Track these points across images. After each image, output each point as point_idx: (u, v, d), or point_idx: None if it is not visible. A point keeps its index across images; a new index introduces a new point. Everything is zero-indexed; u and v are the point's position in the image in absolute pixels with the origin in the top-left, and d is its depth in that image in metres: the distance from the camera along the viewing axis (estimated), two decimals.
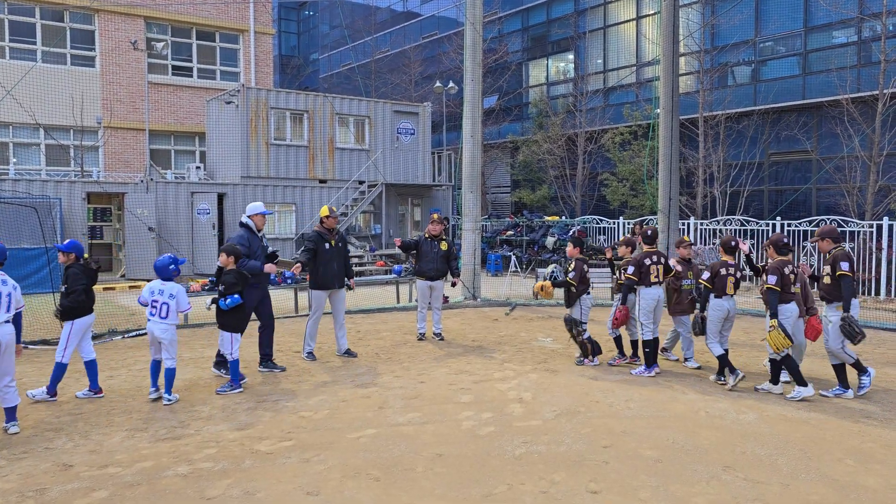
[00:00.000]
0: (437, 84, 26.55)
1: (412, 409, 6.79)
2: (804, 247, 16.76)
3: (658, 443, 5.80)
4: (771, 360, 7.55)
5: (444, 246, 10.35)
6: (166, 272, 7.31)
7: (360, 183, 21.90)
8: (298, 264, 8.81)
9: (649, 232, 8.58)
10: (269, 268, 8.15)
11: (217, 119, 21.99)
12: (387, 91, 34.08)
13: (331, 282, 8.93)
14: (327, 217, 8.98)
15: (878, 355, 9.65)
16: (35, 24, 23.38)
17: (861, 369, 7.42)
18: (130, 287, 17.27)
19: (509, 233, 23.55)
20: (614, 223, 21.89)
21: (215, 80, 26.62)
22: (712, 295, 7.84)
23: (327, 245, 8.87)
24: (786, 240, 7.66)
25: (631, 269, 8.34)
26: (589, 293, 8.65)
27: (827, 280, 7.37)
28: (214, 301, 7.52)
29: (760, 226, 17.72)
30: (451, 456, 5.49)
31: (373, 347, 9.86)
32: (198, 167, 21.87)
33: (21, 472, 5.16)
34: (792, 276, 7.48)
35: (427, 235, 10.39)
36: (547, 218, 24.27)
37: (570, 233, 22.12)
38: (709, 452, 5.59)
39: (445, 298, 12.32)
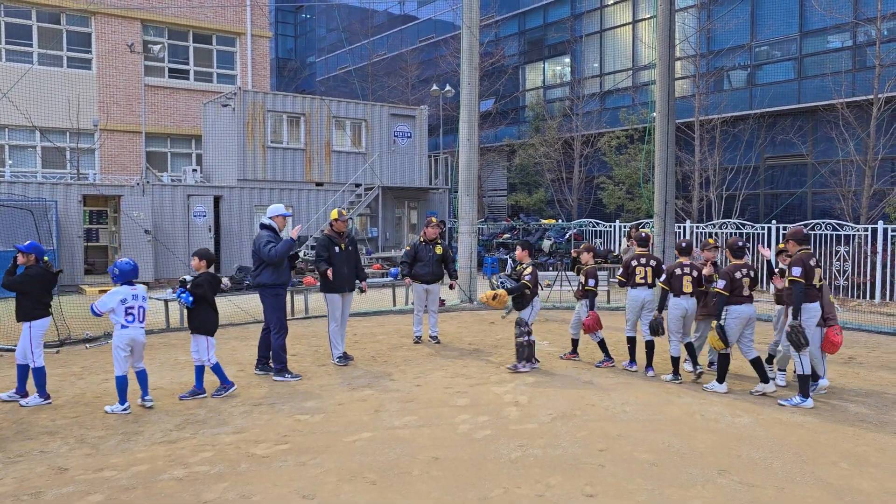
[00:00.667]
0: (434, 87, 26.58)
1: (408, 412, 6.79)
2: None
3: (654, 446, 5.81)
4: (751, 361, 7.66)
5: (439, 250, 10.36)
6: (136, 274, 7.23)
7: (357, 186, 21.90)
8: (299, 226, 9.02)
9: (643, 234, 9.17)
10: (294, 231, 8.35)
11: (213, 122, 21.97)
12: (384, 94, 34.10)
13: (342, 285, 8.94)
14: (336, 220, 9.02)
15: (872, 359, 9.68)
16: (31, 27, 23.36)
17: (813, 377, 7.44)
18: None
19: (506, 236, 23.58)
20: (611, 226, 21.93)
21: (212, 83, 26.62)
22: (671, 294, 8.15)
23: (337, 249, 8.91)
24: (741, 243, 7.87)
25: (620, 271, 8.85)
26: (538, 296, 8.70)
27: (786, 283, 7.37)
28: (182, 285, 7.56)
29: (756, 229, 17.77)
30: (447, 459, 5.50)
31: (369, 351, 9.86)
32: (194, 170, 21.85)
33: (16, 476, 5.15)
34: (747, 280, 7.62)
35: (423, 239, 10.39)
36: (543, 221, 24.31)
37: (567, 236, 22.18)
38: (704, 456, 5.60)
39: (442, 302, 12.32)
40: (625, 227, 20.54)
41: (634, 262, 8.72)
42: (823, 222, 16.66)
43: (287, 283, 8.53)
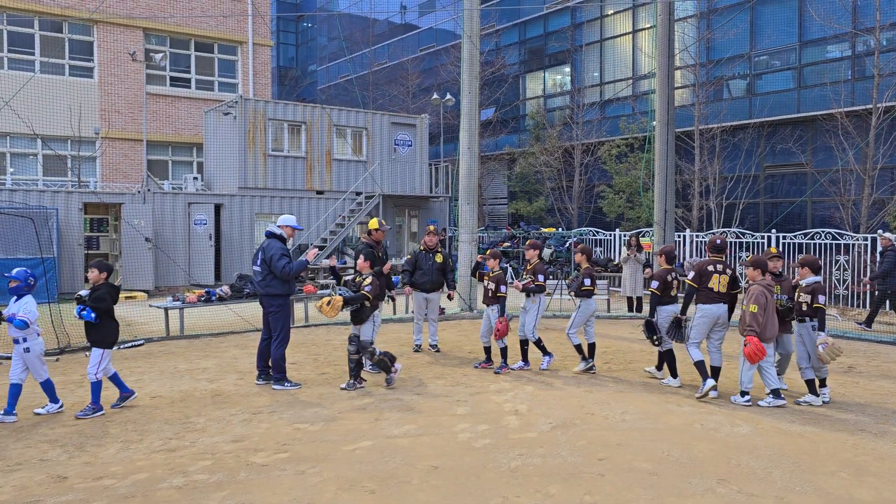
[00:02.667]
0: (435, 96, 26.68)
1: (408, 420, 6.79)
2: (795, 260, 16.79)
3: (653, 455, 5.81)
4: (695, 363, 7.91)
5: (439, 258, 10.37)
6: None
7: (358, 194, 21.94)
8: (315, 249, 9.03)
9: (718, 241, 8.18)
10: (311, 254, 8.46)
11: (215, 130, 22.04)
12: (384, 103, 34.21)
13: (380, 294, 9.00)
14: (376, 230, 9.13)
15: (872, 367, 9.68)
16: (34, 35, 23.47)
17: (703, 374, 7.77)
18: (126, 297, 17.24)
19: (506, 244, 23.59)
20: (611, 235, 21.95)
21: (213, 92, 26.71)
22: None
23: (377, 257, 9.01)
24: (719, 241, 8.08)
25: (588, 281, 9.03)
26: (379, 308, 8.28)
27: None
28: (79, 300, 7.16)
29: (756, 238, 17.78)
30: (447, 468, 5.49)
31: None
32: (195, 178, 21.90)
33: (15, 484, 5.14)
34: (724, 278, 7.87)
35: (423, 248, 10.41)
36: (544, 229, 24.33)
37: (567, 245, 22.19)
38: (704, 465, 5.60)
39: (442, 310, 12.32)
40: (625, 235, 20.56)
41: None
42: (823, 231, 16.68)
43: (293, 293, 8.56)
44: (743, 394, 7.46)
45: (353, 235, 22.42)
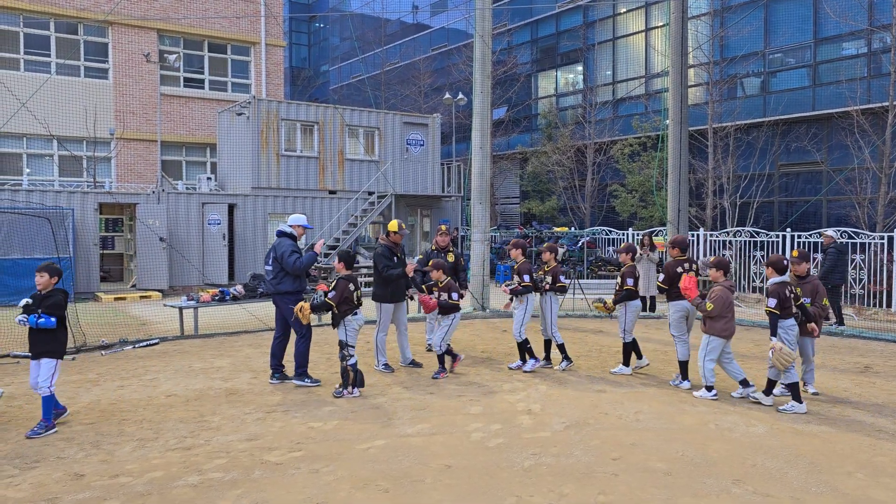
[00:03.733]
0: (447, 95, 26.68)
1: (421, 420, 6.80)
2: (815, 259, 16.67)
3: (667, 455, 5.79)
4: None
5: (451, 257, 10.35)
6: None
7: (370, 194, 21.98)
8: (322, 240, 9.02)
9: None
10: (318, 246, 8.49)
11: (228, 130, 22.15)
12: (396, 102, 34.25)
13: (399, 295, 9.09)
14: (395, 232, 9.17)
15: (889, 368, 9.59)
16: (50, 37, 23.69)
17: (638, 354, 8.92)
18: (141, 297, 17.38)
19: None
20: (623, 234, 21.87)
21: (227, 92, 26.85)
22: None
23: (395, 259, 9.03)
24: (688, 239, 8.39)
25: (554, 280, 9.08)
26: (356, 313, 7.87)
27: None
28: (26, 308, 6.54)
29: (771, 237, 17.66)
30: (460, 468, 5.50)
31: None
32: (209, 178, 22.03)
33: (33, 482, 5.20)
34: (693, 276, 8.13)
35: (435, 247, 10.41)
36: (556, 229, 24.27)
37: (579, 245, 22.13)
38: (718, 465, 5.57)
39: None
40: (637, 234, 20.48)
41: (679, 269, 8.35)
42: (839, 230, 16.54)
43: (304, 290, 8.60)
44: (708, 388, 7.72)
45: (365, 235, 22.46)
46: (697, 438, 6.24)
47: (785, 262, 7.49)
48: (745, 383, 7.60)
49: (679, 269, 8.38)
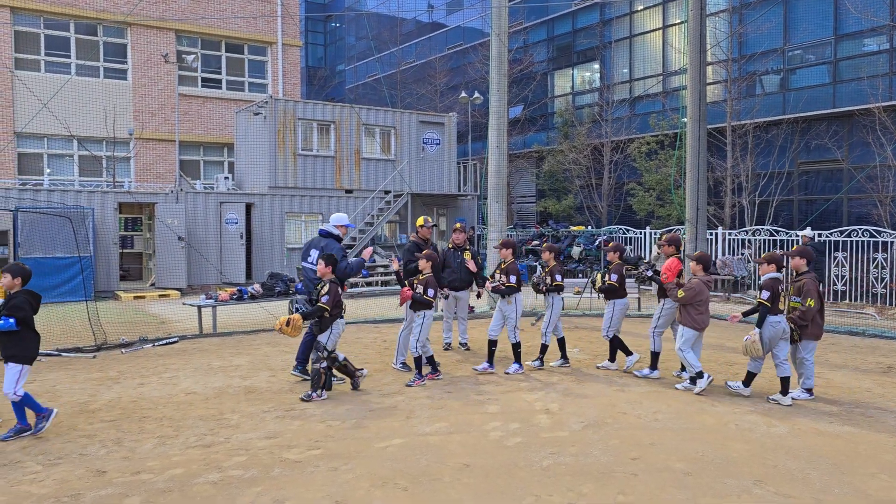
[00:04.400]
0: (463, 94, 26.66)
1: (439, 418, 6.81)
2: (835, 257, 16.49)
3: (687, 455, 5.75)
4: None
5: (468, 255, 10.33)
6: None
7: (386, 193, 22.03)
8: (371, 248, 9.03)
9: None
10: (367, 252, 8.59)
11: (245, 130, 22.29)
12: (412, 101, 34.28)
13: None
14: (421, 226, 9.21)
15: None
16: (70, 38, 23.95)
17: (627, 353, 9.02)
18: (160, 296, 17.53)
19: (535, 243, 23.50)
20: (641, 233, 21.74)
21: (244, 92, 27.01)
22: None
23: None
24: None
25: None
26: (342, 317, 7.81)
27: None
28: None
29: (791, 236, 17.48)
30: (479, 466, 5.49)
31: (383, 359, 9.87)
32: (226, 177, 22.18)
33: (56, 478, 5.26)
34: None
35: (451, 245, 10.39)
36: (573, 228, 24.19)
37: (596, 243, 22.03)
38: (739, 466, 5.52)
39: (471, 308, 12.31)
40: (655, 233, 20.35)
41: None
42: (860, 229, 16.33)
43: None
44: (700, 374, 7.89)
45: (381, 234, 22.51)
46: (717, 438, 6.19)
47: (780, 259, 7.68)
48: (699, 375, 7.87)
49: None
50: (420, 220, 9.40)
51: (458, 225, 10.74)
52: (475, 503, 4.82)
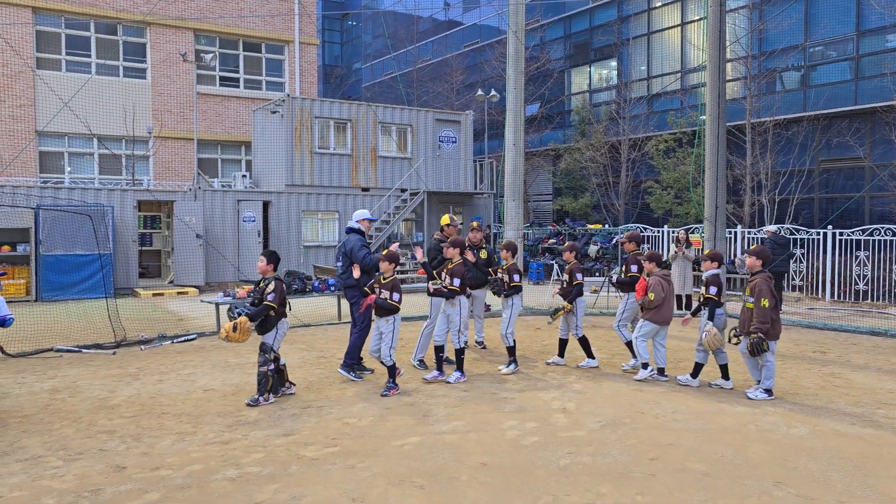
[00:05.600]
0: (479, 92, 26.61)
1: (455, 417, 6.79)
2: (857, 256, 16.28)
3: (706, 456, 5.69)
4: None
5: (483, 254, 10.30)
6: None
7: (403, 191, 22.04)
8: (419, 247, 9.02)
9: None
10: (393, 248, 8.47)
11: (263, 128, 22.40)
12: (429, 100, 34.27)
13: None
14: (448, 225, 9.24)
15: None
16: (90, 38, 24.18)
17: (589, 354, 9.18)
18: (178, 293, 17.67)
19: (551, 241, 23.42)
20: (658, 231, 21.59)
21: (261, 91, 27.14)
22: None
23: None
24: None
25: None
26: (286, 317, 7.48)
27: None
28: None
29: (811, 235, 17.28)
30: (495, 465, 5.48)
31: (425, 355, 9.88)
32: (244, 176, 22.30)
33: (77, 473, 5.31)
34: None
35: (468, 243, 10.36)
36: (589, 226, 24.07)
37: (613, 241, 21.91)
38: (759, 467, 5.46)
39: (487, 307, 12.29)
40: (673, 231, 20.19)
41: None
42: (882, 227, 16.11)
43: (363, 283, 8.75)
44: (645, 365, 8.36)
45: (398, 232, 22.53)
46: (737, 439, 6.13)
47: (721, 255, 8.34)
48: (660, 371, 8.32)
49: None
50: (445, 219, 9.33)
51: (474, 224, 10.72)
52: (492, 502, 4.80)
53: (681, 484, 5.11)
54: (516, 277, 8.88)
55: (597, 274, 20.39)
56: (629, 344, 8.92)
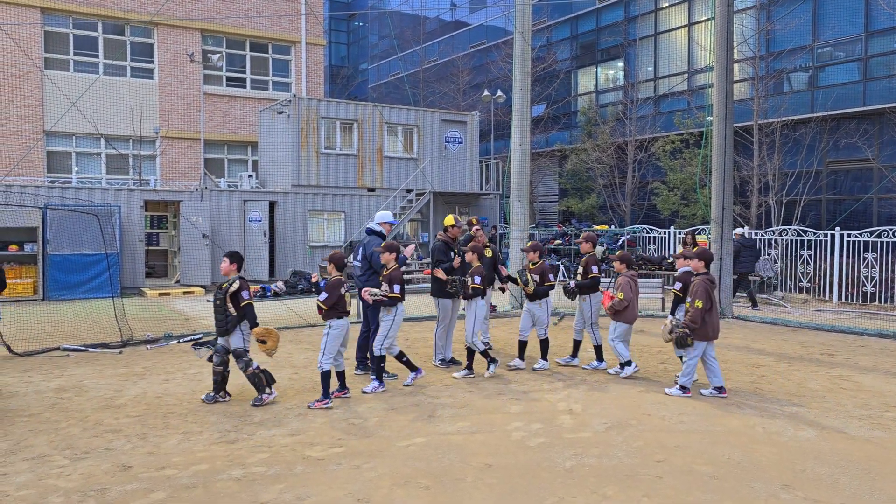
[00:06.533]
0: (486, 93, 26.60)
1: (461, 418, 6.78)
2: (865, 258, 16.19)
3: (713, 458, 5.66)
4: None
5: (489, 253, 10.27)
6: None
7: (408, 191, 22.04)
8: (412, 245, 8.84)
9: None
10: (409, 249, 8.46)
11: (269, 129, 22.43)
12: (435, 100, 34.28)
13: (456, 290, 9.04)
14: (452, 226, 9.20)
15: None
16: (98, 38, 24.27)
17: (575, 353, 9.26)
18: (185, 293, 17.70)
19: (557, 242, 23.38)
20: (665, 233, 21.53)
21: (268, 91, 27.19)
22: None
23: (452, 254, 9.05)
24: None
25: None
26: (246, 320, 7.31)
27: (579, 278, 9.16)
28: None
29: (819, 236, 17.20)
30: (501, 466, 5.46)
31: (421, 355, 9.88)
32: (250, 176, 22.35)
33: (83, 472, 5.32)
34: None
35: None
36: (596, 227, 24.02)
37: (619, 242, 21.86)
38: (766, 470, 5.43)
39: (493, 307, 12.27)
40: (679, 233, 20.13)
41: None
42: (890, 229, 16.02)
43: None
44: (624, 364, 8.57)
45: (403, 233, 22.53)
46: (744, 442, 6.10)
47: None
48: (627, 364, 8.53)
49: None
50: (450, 219, 9.21)
51: (472, 220, 10.71)
52: (497, 503, 4.79)
53: (687, 486, 5.09)
54: (477, 280, 8.45)
55: (603, 275, 20.33)
56: (599, 348, 9.02)
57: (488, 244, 10.34)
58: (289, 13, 27.30)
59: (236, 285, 7.20)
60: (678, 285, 8.33)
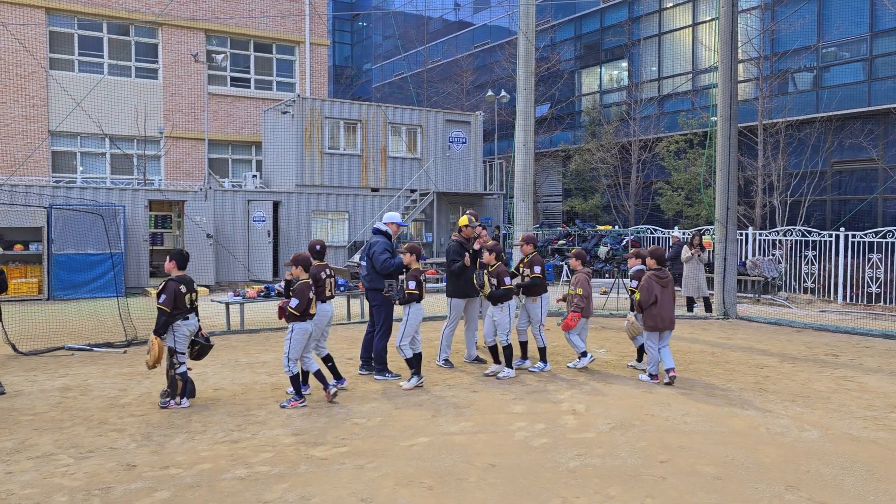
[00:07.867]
0: (489, 93, 26.59)
1: (464, 418, 6.78)
2: (870, 258, 16.14)
3: (717, 459, 5.65)
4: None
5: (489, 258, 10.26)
6: None
7: (412, 191, 22.04)
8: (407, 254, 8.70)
9: (318, 247, 8.15)
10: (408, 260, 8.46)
11: (273, 129, 22.46)
12: (439, 100, 34.27)
13: (469, 291, 9.03)
14: (466, 226, 9.21)
15: None
16: (102, 39, 24.33)
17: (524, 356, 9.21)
18: None
19: (561, 242, 23.36)
20: (668, 233, 21.49)
21: (272, 91, 27.22)
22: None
23: (466, 254, 9.06)
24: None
25: (413, 284, 7.84)
26: (188, 318, 7.24)
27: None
28: None
29: (823, 237, 17.16)
30: (504, 467, 5.46)
31: (425, 356, 9.87)
32: (254, 176, 22.38)
33: (87, 471, 5.34)
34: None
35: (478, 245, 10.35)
36: (599, 227, 24.00)
37: (623, 242, 21.83)
38: (770, 470, 5.42)
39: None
40: (684, 233, 20.10)
41: (323, 275, 8.04)
42: (895, 230, 15.97)
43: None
44: (583, 355, 8.97)
45: (407, 233, 22.53)
46: (748, 442, 6.09)
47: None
48: (583, 355, 8.93)
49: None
50: (464, 220, 9.16)
51: (472, 217, 10.70)
52: None
53: (691, 487, 5.08)
54: (412, 284, 7.99)
55: (606, 275, 20.32)
56: (543, 349, 8.97)
57: (486, 246, 10.31)
58: (293, 13, 27.34)
59: (161, 287, 7.14)
60: (634, 283, 8.95)
